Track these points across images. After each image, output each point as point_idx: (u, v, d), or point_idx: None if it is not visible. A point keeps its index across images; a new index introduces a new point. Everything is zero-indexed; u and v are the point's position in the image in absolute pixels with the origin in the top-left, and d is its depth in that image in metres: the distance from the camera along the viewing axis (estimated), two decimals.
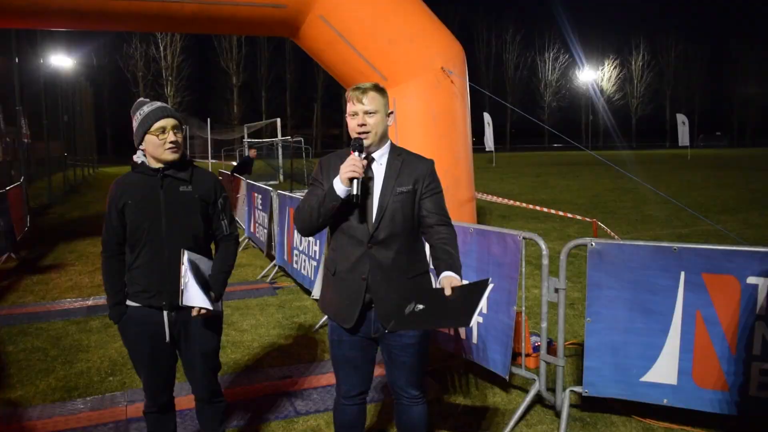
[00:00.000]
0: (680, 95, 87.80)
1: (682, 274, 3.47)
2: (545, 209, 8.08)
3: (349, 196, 2.63)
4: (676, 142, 46.81)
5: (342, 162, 2.70)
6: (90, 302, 6.97)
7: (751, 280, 3.34)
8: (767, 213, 13.71)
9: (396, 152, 2.85)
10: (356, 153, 2.67)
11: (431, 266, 2.84)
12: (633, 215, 13.84)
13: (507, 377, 4.05)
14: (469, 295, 2.43)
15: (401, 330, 2.74)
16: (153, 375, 2.98)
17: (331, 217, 2.73)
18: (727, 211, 14.28)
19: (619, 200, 17.06)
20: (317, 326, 5.90)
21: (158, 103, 2.91)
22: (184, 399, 4.01)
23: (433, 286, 2.94)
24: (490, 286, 2.42)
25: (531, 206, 8.37)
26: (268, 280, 7.95)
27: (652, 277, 3.54)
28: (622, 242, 3.62)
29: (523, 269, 3.96)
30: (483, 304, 2.40)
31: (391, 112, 2.84)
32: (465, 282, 2.61)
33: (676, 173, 28.14)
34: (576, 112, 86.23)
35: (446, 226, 2.82)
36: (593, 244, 3.65)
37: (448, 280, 2.59)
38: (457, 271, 2.67)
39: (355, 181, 2.61)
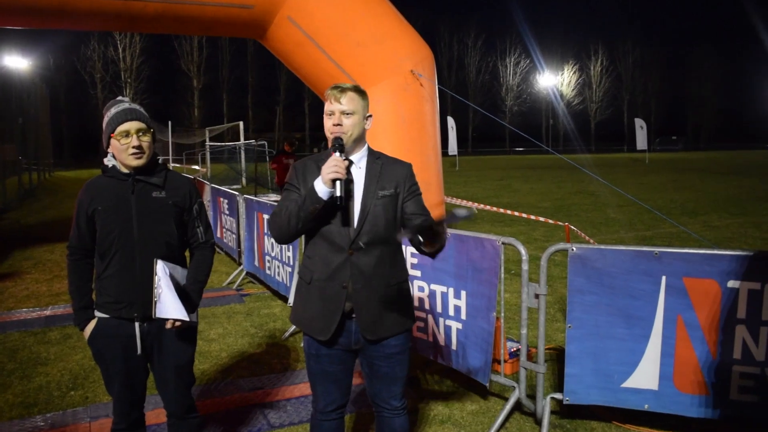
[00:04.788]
0: (637, 100, 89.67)
1: (664, 278, 3.44)
2: (516, 213, 8.06)
3: (332, 198, 2.52)
4: (634, 146, 47.69)
5: (319, 165, 2.63)
6: (48, 312, 6.69)
7: (732, 283, 3.33)
8: (726, 216, 14.00)
9: (374, 156, 2.78)
10: (337, 153, 2.57)
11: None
12: (596, 218, 13.99)
13: (487, 384, 3.99)
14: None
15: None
16: (124, 391, 2.82)
17: (311, 221, 2.60)
18: (687, 213, 14.55)
19: (582, 203, 17.26)
20: (287, 334, 5.75)
21: (126, 104, 2.75)
22: (153, 414, 3.84)
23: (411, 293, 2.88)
24: (464, 216, 2.22)
25: (506, 210, 8.35)
26: (235, 287, 7.77)
27: (633, 282, 3.51)
28: (603, 247, 3.58)
29: (502, 275, 3.90)
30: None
31: (370, 116, 2.75)
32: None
33: (636, 177, 28.64)
34: (536, 117, 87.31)
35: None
36: (574, 249, 3.60)
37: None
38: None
39: (338, 182, 2.50)
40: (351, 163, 2.70)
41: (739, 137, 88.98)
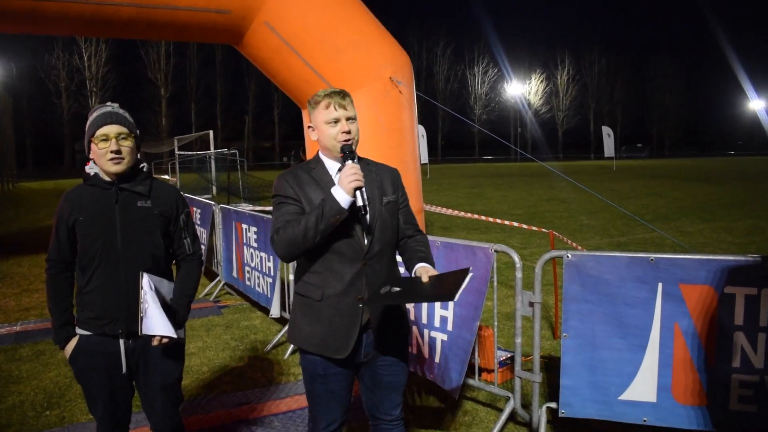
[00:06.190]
0: (603, 109, 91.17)
1: (660, 285, 3.39)
2: (499, 221, 8.02)
3: (354, 207, 2.42)
4: (601, 154, 48.39)
5: (312, 175, 2.56)
6: (18, 328, 6.43)
7: (729, 289, 3.29)
8: (697, 221, 14.18)
9: (365, 162, 2.68)
10: (350, 161, 2.46)
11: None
12: (570, 225, 14.06)
13: (456, 396, 3.90)
14: (449, 278, 2.36)
15: (374, 306, 2.56)
16: (108, 411, 2.66)
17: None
18: (659, 219, 14.71)
19: (555, 210, 17.36)
20: (269, 346, 5.60)
21: (108, 108, 2.61)
22: None
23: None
24: (470, 275, 2.35)
25: (488, 218, 8.30)
26: (212, 298, 7.58)
27: (629, 289, 3.45)
28: (598, 254, 3.52)
29: (495, 283, 3.83)
30: (465, 285, 2.30)
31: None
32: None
33: (604, 183, 28.98)
34: (505, 125, 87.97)
35: (422, 234, 2.80)
36: (569, 256, 3.54)
37: (424, 269, 2.52)
38: (431, 264, 2.60)
39: (358, 191, 2.40)
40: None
41: (700, 145, 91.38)
